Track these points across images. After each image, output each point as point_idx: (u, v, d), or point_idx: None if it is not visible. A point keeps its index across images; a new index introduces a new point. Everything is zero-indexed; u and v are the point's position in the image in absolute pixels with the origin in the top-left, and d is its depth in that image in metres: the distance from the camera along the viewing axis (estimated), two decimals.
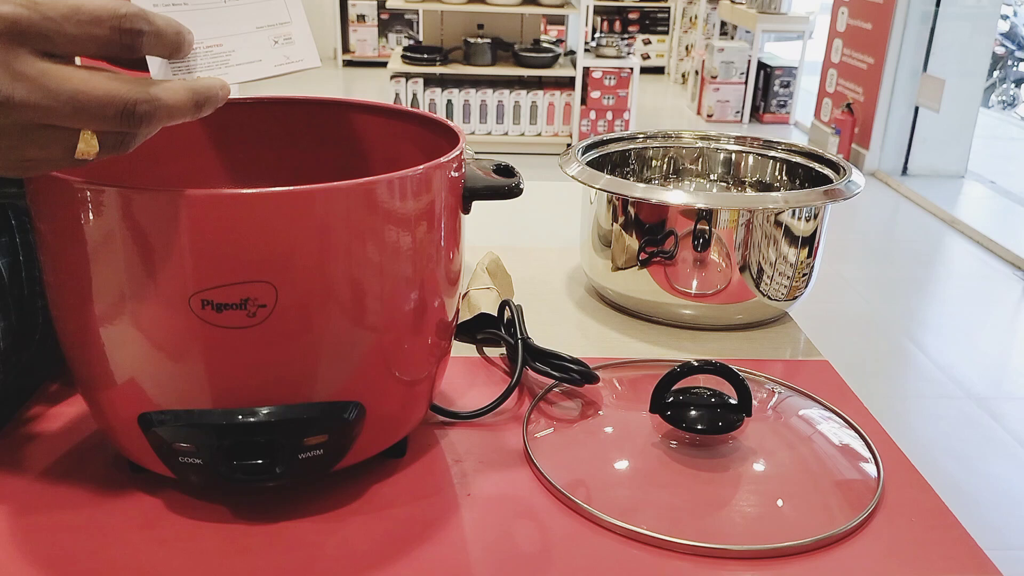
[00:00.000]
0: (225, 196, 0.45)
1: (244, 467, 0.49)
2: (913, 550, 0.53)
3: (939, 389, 2.47)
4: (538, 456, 0.60)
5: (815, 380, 0.74)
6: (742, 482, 0.59)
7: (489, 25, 4.70)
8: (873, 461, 0.61)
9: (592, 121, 4.73)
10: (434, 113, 0.80)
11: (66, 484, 0.56)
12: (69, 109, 0.37)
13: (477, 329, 0.77)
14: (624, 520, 0.53)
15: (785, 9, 5.49)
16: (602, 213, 0.85)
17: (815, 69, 5.39)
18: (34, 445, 0.60)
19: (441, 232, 0.54)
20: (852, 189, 0.82)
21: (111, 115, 0.38)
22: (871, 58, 4.61)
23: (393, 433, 0.57)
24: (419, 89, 4.57)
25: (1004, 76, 6.70)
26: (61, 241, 0.47)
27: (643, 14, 7.12)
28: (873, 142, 4.63)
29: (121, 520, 0.53)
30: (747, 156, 0.99)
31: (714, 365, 0.62)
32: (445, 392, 0.69)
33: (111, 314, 0.47)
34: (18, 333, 0.64)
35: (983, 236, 3.65)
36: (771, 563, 0.52)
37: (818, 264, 0.85)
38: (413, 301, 0.53)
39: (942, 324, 2.92)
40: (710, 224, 0.79)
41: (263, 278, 0.46)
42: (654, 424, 0.63)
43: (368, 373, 0.52)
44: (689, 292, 0.81)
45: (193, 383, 0.48)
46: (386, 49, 6.84)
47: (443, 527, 0.53)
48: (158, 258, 0.45)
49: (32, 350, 0.66)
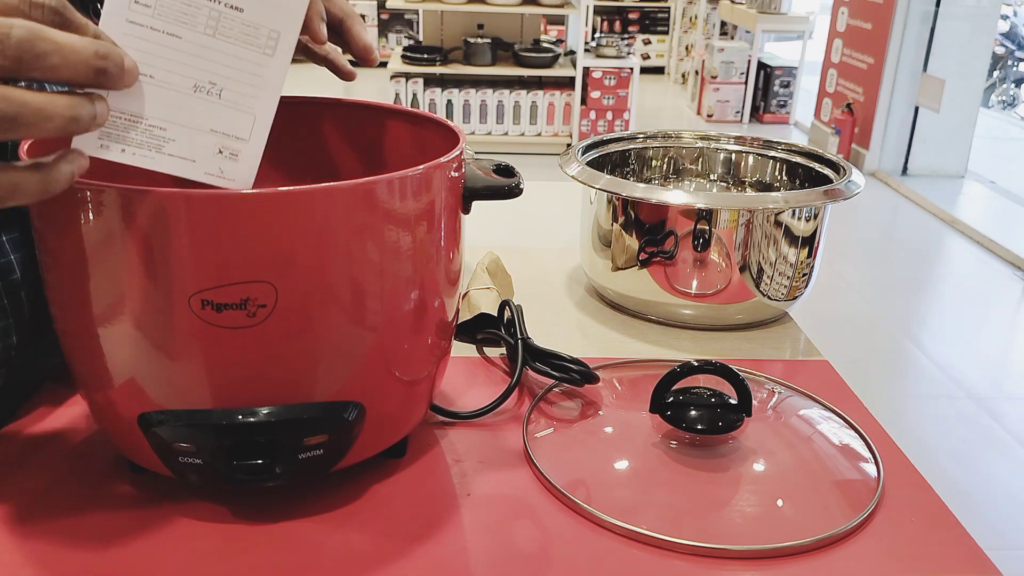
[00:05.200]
0: (225, 196, 0.44)
1: (244, 467, 0.49)
2: (913, 550, 0.53)
3: (939, 389, 2.47)
4: (538, 456, 0.60)
5: (815, 380, 0.74)
6: (742, 482, 0.59)
7: (489, 25, 4.70)
8: (873, 461, 0.61)
9: (592, 121, 4.73)
10: (434, 113, 0.80)
11: (66, 484, 0.56)
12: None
13: (477, 329, 0.77)
14: (624, 520, 0.53)
15: (785, 9, 5.49)
16: (602, 213, 0.85)
17: (815, 69, 5.39)
18: (34, 445, 0.60)
19: (441, 232, 0.54)
20: (852, 189, 0.82)
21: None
22: (871, 58, 4.61)
23: (393, 433, 0.57)
24: (419, 89, 4.57)
25: (1004, 76, 6.70)
26: (61, 241, 0.47)
27: (643, 14, 7.12)
28: (873, 142, 4.63)
29: (121, 520, 0.53)
30: (747, 156, 0.99)
31: (714, 365, 0.62)
32: (445, 392, 0.69)
33: (111, 314, 0.47)
34: (30, 328, 0.64)
35: (983, 236, 3.65)
36: (771, 563, 0.52)
37: (818, 264, 0.85)
38: (413, 301, 0.53)
39: (942, 324, 2.92)
40: (710, 224, 0.79)
41: (263, 278, 0.46)
42: (654, 424, 0.63)
43: (368, 373, 0.52)
44: (689, 292, 0.81)
45: (193, 383, 0.48)
46: (386, 49, 6.83)
47: (443, 527, 0.53)
48: (158, 258, 0.45)
49: (38, 347, 0.66)
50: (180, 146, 0.43)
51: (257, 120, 0.43)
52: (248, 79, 0.41)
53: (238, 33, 0.39)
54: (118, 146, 0.42)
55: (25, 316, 0.63)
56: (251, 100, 0.42)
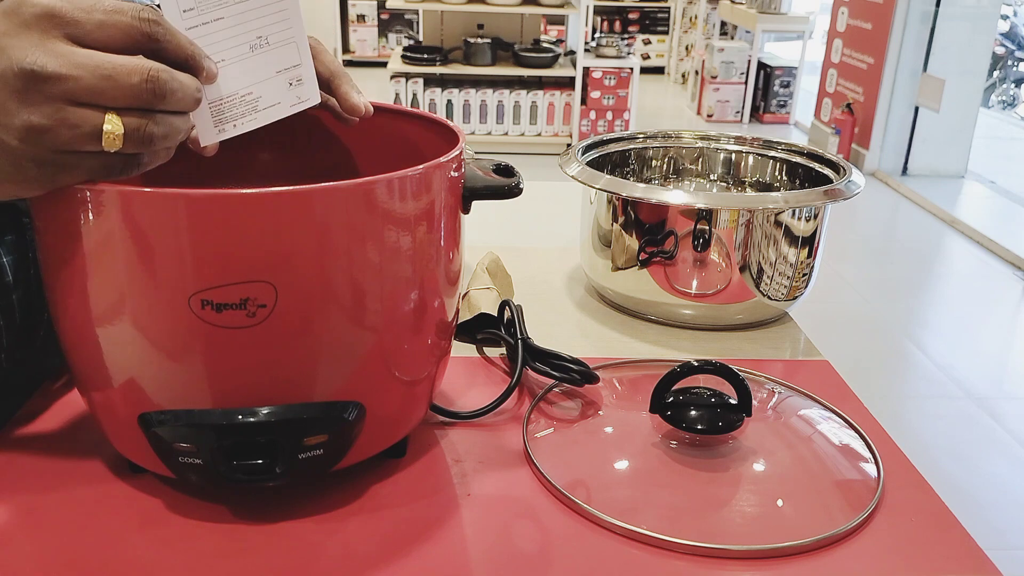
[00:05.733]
0: (225, 196, 0.44)
1: (244, 467, 0.49)
2: (913, 550, 0.53)
3: (939, 389, 2.47)
4: (538, 456, 0.60)
5: (815, 380, 0.74)
6: (742, 482, 0.59)
7: (489, 25, 4.70)
8: (873, 461, 0.61)
9: (592, 121, 4.73)
10: (434, 113, 0.80)
11: (66, 484, 0.56)
12: (97, 77, 0.41)
13: (477, 329, 0.77)
14: (624, 520, 0.53)
15: (785, 9, 5.49)
16: (602, 213, 0.85)
17: (815, 69, 5.39)
18: (34, 445, 0.60)
19: (441, 232, 0.54)
20: (852, 189, 0.82)
21: (136, 81, 0.41)
22: (871, 58, 4.61)
23: (393, 433, 0.57)
24: (419, 89, 4.57)
25: (1004, 76, 6.69)
26: (61, 241, 0.47)
27: (643, 14, 7.12)
28: (873, 142, 4.62)
29: (121, 520, 0.53)
30: (747, 156, 0.99)
31: (714, 365, 0.62)
32: (445, 392, 0.69)
33: (111, 314, 0.47)
34: (21, 331, 0.64)
35: (983, 236, 3.65)
36: (771, 563, 0.52)
37: (818, 264, 0.85)
38: (413, 301, 0.53)
39: (942, 324, 2.92)
40: (710, 224, 0.78)
41: (263, 278, 0.46)
42: (654, 424, 0.63)
43: (368, 373, 0.52)
44: (689, 292, 0.81)
45: (193, 383, 0.48)
46: (386, 49, 6.83)
47: (443, 527, 0.53)
48: (158, 258, 0.45)
49: (35, 348, 0.66)
50: (266, 98, 0.51)
51: (299, 43, 0.51)
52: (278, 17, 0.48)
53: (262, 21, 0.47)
54: (230, 124, 0.50)
55: (16, 320, 0.63)
56: (288, 31, 0.50)
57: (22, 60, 0.39)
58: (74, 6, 0.41)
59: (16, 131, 0.41)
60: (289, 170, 0.67)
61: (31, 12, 0.40)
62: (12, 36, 0.40)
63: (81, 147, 0.42)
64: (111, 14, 0.42)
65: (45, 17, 0.40)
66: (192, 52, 0.45)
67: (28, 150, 0.41)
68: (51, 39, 0.40)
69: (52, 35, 0.40)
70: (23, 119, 0.40)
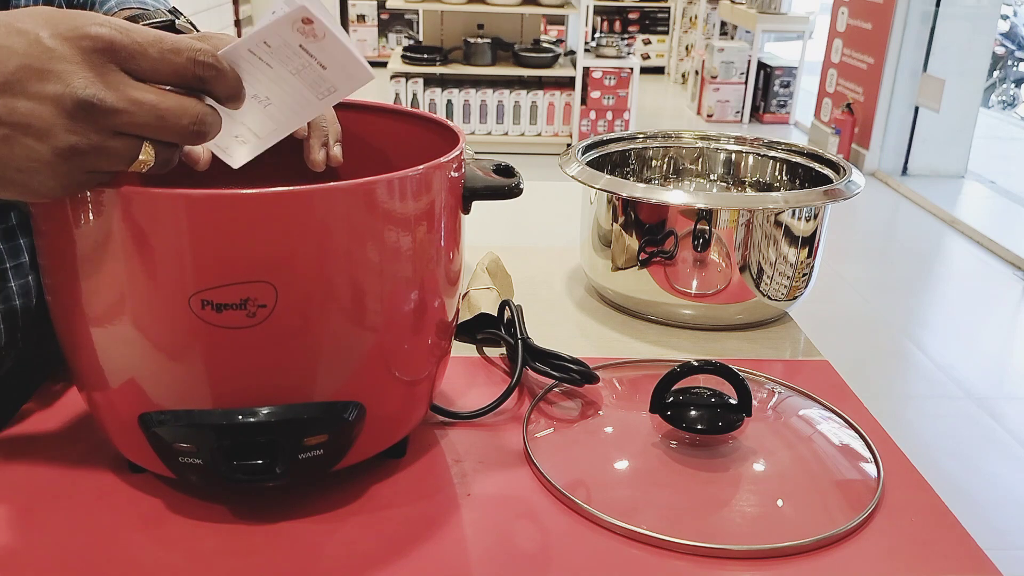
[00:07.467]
0: (225, 196, 0.45)
1: (244, 467, 0.49)
2: (913, 550, 0.53)
3: (939, 389, 2.47)
4: (538, 456, 0.60)
5: (815, 380, 0.74)
6: (742, 482, 0.59)
7: (489, 25, 4.70)
8: (873, 461, 0.61)
9: (592, 121, 4.73)
10: (434, 113, 0.80)
11: (66, 484, 0.56)
12: (150, 116, 0.42)
13: (477, 329, 0.77)
14: (624, 520, 0.53)
15: (785, 9, 5.49)
16: (602, 213, 0.85)
17: (815, 69, 5.39)
18: (34, 445, 0.60)
19: (441, 232, 0.54)
20: (852, 189, 0.82)
21: (186, 123, 0.43)
22: (871, 58, 4.61)
23: (393, 433, 0.57)
24: (419, 89, 4.57)
25: (1004, 76, 6.69)
26: (61, 241, 0.47)
27: (643, 14, 7.12)
28: (873, 142, 4.62)
29: (121, 520, 0.53)
30: (747, 156, 0.99)
31: (714, 365, 0.62)
32: (445, 392, 0.69)
33: (111, 314, 0.47)
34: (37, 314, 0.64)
35: (983, 236, 3.65)
36: (771, 563, 0.52)
37: (818, 264, 0.85)
38: (413, 301, 0.53)
39: (942, 324, 2.92)
40: (710, 224, 0.78)
41: (263, 278, 0.46)
42: (654, 424, 0.63)
43: (368, 373, 0.52)
44: (689, 292, 0.81)
45: (193, 383, 0.48)
46: (386, 49, 6.83)
47: (443, 527, 0.53)
48: (158, 258, 0.45)
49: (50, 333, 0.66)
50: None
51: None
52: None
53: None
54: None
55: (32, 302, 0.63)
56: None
57: (82, 89, 0.40)
58: (132, 40, 0.41)
59: (56, 149, 0.41)
60: (289, 170, 0.67)
61: (91, 43, 0.41)
62: (71, 62, 0.40)
63: (111, 169, 0.43)
64: (167, 53, 0.42)
65: (106, 51, 0.41)
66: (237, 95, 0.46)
67: (60, 165, 0.42)
68: (109, 71, 0.41)
69: (110, 67, 0.41)
70: (68, 141, 0.41)
